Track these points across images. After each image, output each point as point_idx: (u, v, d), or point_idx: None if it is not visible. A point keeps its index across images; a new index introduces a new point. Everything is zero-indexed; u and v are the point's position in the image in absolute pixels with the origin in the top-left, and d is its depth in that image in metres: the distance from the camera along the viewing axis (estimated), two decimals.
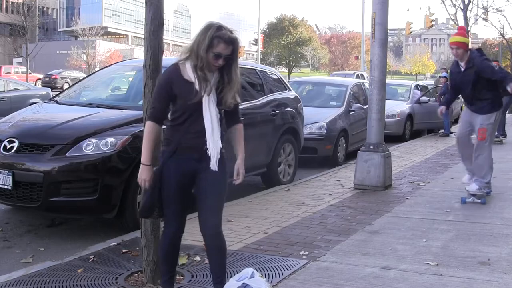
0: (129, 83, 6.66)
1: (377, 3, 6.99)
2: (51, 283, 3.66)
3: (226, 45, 2.99)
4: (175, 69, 3.08)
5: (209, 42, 2.97)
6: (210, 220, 3.14)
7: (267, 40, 66.32)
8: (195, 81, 3.02)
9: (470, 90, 6.09)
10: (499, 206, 6.05)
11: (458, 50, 6.01)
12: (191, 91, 3.01)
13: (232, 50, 3.02)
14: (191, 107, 3.04)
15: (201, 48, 2.98)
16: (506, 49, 38.68)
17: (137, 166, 4.70)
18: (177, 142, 3.06)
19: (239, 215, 5.53)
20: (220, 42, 2.98)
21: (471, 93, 6.11)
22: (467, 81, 6.07)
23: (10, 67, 39.28)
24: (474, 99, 6.15)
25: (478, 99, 6.12)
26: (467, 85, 6.09)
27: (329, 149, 9.44)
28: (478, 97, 6.11)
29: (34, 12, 43.04)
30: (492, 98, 6.09)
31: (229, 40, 2.99)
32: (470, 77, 6.02)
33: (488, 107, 6.12)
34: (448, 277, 3.82)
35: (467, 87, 6.11)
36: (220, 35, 2.97)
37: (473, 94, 6.11)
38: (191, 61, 3.03)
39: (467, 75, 6.05)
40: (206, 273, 3.83)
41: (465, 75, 6.07)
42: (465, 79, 6.08)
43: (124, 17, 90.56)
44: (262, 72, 7.65)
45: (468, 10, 15.43)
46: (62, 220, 5.59)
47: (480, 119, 6.15)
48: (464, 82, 6.12)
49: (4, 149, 5.01)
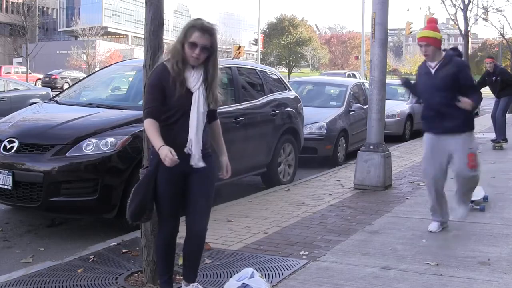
0: (129, 83, 6.66)
1: (377, 3, 6.99)
2: (51, 283, 3.66)
3: (200, 33, 3.01)
4: (163, 68, 3.08)
5: (184, 33, 3.03)
6: (199, 222, 3.21)
7: (267, 40, 66.29)
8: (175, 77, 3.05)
9: (439, 98, 4.77)
10: (499, 206, 6.05)
11: (428, 47, 4.78)
12: (175, 88, 3.04)
13: (210, 42, 3.04)
14: (182, 105, 3.06)
15: (178, 42, 3.04)
16: (506, 49, 38.69)
17: (137, 166, 4.74)
18: (171, 141, 3.02)
19: (239, 215, 5.53)
20: (195, 30, 3.01)
21: (440, 101, 4.77)
22: (437, 86, 4.78)
23: (10, 67, 39.29)
24: (443, 111, 4.77)
25: (448, 113, 4.74)
26: (437, 91, 4.78)
27: (329, 149, 9.44)
28: (449, 110, 4.73)
29: (34, 12, 43.05)
30: (465, 112, 4.76)
31: (204, 28, 3.02)
32: (441, 82, 4.76)
33: (464, 124, 4.81)
34: (448, 277, 3.82)
35: (436, 94, 4.78)
36: (194, 24, 3.03)
37: (442, 104, 4.76)
38: (171, 59, 3.07)
39: (438, 79, 4.79)
40: (206, 273, 3.84)
41: (436, 78, 4.81)
42: (435, 83, 4.80)
43: (124, 17, 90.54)
44: (262, 72, 7.65)
45: (468, 10, 15.44)
46: (62, 220, 5.59)
47: (461, 141, 4.78)
48: (433, 87, 4.81)
49: (4, 149, 5.01)
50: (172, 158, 2.91)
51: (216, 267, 3.97)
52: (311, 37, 71.91)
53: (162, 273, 3.31)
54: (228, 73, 6.86)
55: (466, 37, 15.68)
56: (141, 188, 3.10)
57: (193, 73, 3.10)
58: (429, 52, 4.80)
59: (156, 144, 3.00)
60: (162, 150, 2.95)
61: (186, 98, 3.07)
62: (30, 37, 37.87)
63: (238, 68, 7.01)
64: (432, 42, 4.78)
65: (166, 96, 3.05)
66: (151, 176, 3.10)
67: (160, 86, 3.04)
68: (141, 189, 3.10)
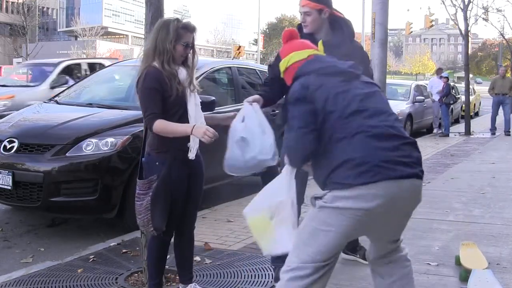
0: (129, 83, 6.65)
1: (377, 3, 6.99)
2: (51, 283, 3.66)
3: (191, 33, 3.13)
4: (156, 70, 3.05)
5: (176, 34, 3.04)
6: (190, 222, 3.34)
7: (267, 40, 66.30)
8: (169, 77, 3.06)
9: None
10: (499, 206, 6.05)
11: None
12: (171, 88, 3.04)
13: (193, 38, 3.15)
14: (179, 103, 3.08)
15: (167, 42, 3.03)
16: (506, 49, 38.68)
17: (137, 166, 4.72)
18: (175, 141, 3.04)
19: (239, 215, 5.52)
20: (187, 31, 3.09)
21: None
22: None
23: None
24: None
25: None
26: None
27: None
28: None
29: (34, 12, 43.00)
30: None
31: (193, 28, 3.14)
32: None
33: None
34: (448, 277, 3.82)
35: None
36: (184, 26, 3.09)
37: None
38: (157, 60, 3.05)
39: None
40: (206, 273, 3.84)
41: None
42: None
43: (124, 17, 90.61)
44: (262, 72, 7.64)
45: (468, 10, 15.36)
46: (62, 220, 5.59)
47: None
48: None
49: (4, 149, 5.00)
50: (213, 131, 2.92)
51: (216, 267, 3.97)
52: None
53: (156, 276, 3.29)
54: (228, 73, 6.86)
55: (466, 37, 15.67)
56: (159, 196, 3.05)
57: (181, 70, 3.13)
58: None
59: (184, 129, 3.00)
60: (197, 128, 2.95)
61: (181, 96, 3.09)
62: (30, 37, 37.86)
63: (238, 68, 7.01)
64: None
65: (163, 98, 3.05)
66: (165, 181, 3.06)
67: (160, 89, 3.03)
68: (159, 198, 3.05)
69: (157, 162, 3.09)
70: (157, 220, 3.07)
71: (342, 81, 2.51)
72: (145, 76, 3.05)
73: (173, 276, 3.66)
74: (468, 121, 14.77)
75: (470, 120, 15.15)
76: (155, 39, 3.06)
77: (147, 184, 3.06)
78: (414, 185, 2.41)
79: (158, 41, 3.05)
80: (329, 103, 2.42)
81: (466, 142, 12.77)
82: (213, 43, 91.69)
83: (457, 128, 15.85)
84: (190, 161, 3.14)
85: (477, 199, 6.32)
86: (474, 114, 21.75)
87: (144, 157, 3.18)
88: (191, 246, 3.41)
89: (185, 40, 3.08)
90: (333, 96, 2.43)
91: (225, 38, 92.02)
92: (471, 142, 12.80)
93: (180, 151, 3.08)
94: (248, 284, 3.69)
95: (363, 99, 2.45)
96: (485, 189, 6.94)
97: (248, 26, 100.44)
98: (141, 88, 3.06)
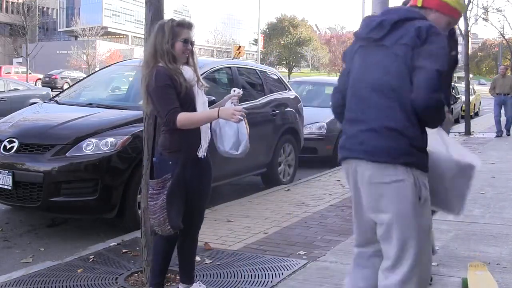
0: (129, 83, 6.66)
1: (377, 3, 6.98)
2: (51, 283, 3.66)
3: (188, 30, 3.12)
4: (164, 68, 3.05)
5: (172, 33, 3.05)
6: (197, 222, 3.35)
7: (267, 40, 66.33)
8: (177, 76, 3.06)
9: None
10: (499, 206, 6.05)
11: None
12: (180, 84, 3.05)
13: (191, 35, 3.15)
14: (188, 101, 3.08)
15: (164, 43, 3.04)
16: (506, 49, 38.71)
17: (137, 166, 4.74)
18: (186, 140, 3.07)
19: (239, 215, 5.53)
20: (183, 28, 3.09)
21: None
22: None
23: (10, 67, 39.27)
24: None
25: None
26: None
27: (329, 149, 9.42)
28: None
29: (34, 12, 42.99)
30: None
31: (189, 25, 3.13)
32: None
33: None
34: (448, 277, 3.82)
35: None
36: (179, 23, 3.10)
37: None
38: (161, 62, 3.05)
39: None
40: (206, 273, 3.84)
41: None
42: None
43: (124, 17, 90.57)
44: (262, 72, 7.65)
45: (468, 10, 15.37)
46: (62, 220, 5.58)
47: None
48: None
49: (4, 149, 5.00)
50: (240, 108, 2.96)
51: (216, 267, 3.97)
52: (311, 37, 71.97)
53: (160, 274, 3.29)
54: (228, 73, 6.87)
55: (466, 37, 15.68)
56: (175, 195, 3.06)
57: (186, 69, 3.13)
58: None
59: (209, 115, 3.04)
60: (223, 110, 2.96)
61: (189, 93, 3.10)
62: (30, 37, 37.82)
63: (238, 68, 7.01)
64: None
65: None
66: (180, 179, 3.06)
67: (172, 85, 3.03)
68: (175, 196, 3.06)
69: (170, 161, 3.09)
70: (174, 219, 3.07)
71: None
72: (156, 75, 3.02)
73: (173, 276, 3.66)
74: (468, 121, 14.76)
75: (470, 120, 15.15)
76: (153, 43, 3.08)
77: (161, 183, 3.05)
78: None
79: (156, 44, 3.06)
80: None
81: (466, 142, 12.76)
82: (213, 43, 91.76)
83: (457, 128, 15.84)
84: (200, 161, 3.15)
85: (477, 199, 6.31)
86: (474, 114, 21.75)
87: (155, 157, 3.18)
88: (194, 247, 3.41)
89: (182, 37, 3.08)
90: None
91: (225, 38, 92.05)
92: (471, 142, 12.79)
93: (191, 150, 3.10)
94: (248, 284, 3.69)
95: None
96: (485, 189, 6.93)
97: (248, 26, 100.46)
98: (154, 87, 3.02)
